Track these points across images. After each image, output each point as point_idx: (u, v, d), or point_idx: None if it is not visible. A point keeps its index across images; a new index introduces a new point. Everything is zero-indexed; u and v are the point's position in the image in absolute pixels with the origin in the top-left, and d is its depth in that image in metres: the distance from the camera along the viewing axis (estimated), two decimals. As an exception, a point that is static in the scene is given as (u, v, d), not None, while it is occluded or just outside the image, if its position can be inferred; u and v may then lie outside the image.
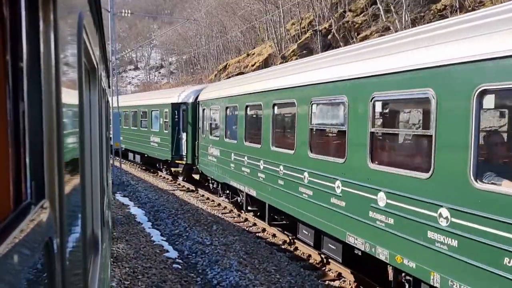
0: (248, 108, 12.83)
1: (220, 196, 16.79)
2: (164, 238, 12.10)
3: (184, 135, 20.86)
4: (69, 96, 1.52)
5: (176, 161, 21.43)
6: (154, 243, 11.48)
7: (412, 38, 6.53)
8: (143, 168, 27.71)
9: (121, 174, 21.85)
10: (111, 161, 19.14)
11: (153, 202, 16.76)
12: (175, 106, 21.30)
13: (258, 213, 13.67)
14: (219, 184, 16.34)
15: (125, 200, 17.34)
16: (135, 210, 15.53)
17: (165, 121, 22.16)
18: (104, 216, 4.25)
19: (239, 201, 14.60)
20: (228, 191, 15.62)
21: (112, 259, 9.38)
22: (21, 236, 0.86)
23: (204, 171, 17.79)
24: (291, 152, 9.97)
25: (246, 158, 12.72)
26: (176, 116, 21.21)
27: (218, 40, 66.01)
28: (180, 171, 21.88)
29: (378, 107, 7.40)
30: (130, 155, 28.97)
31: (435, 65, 5.71)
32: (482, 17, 5.45)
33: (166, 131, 21.90)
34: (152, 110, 24.29)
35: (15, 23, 0.95)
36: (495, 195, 4.87)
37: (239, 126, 13.37)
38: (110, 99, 15.17)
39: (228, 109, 14.61)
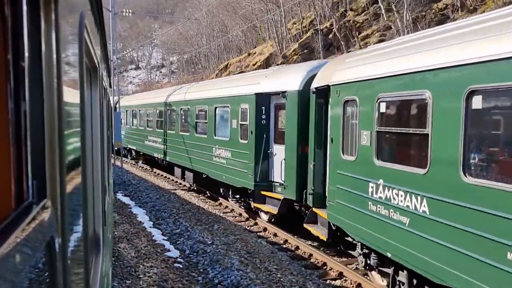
0: None
1: None
2: (166, 238, 12.11)
3: (279, 149, 12.53)
4: (71, 96, 1.52)
5: (263, 192, 13.09)
6: (156, 242, 11.48)
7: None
8: (144, 168, 27.62)
9: (122, 174, 21.86)
10: (112, 161, 19.12)
11: (154, 201, 16.77)
12: (263, 99, 12.95)
13: None
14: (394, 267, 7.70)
15: (126, 200, 17.35)
16: (136, 209, 15.55)
17: (241, 124, 13.82)
18: (105, 215, 4.25)
19: None
20: None
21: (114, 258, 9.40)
22: (22, 235, 0.86)
23: (348, 229, 8.71)
24: None
25: None
26: (264, 116, 12.98)
27: (219, 40, 65.96)
28: (276, 211, 12.53)
29: None
30: (177, 171, 20.52)
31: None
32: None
33: (244, 142, 13.60)
34: (216, 107, 15.63)
35: (16, 23, 0.95)
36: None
37: None
38: (111, 98, 15.14)
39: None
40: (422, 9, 30.11)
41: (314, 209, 10.55)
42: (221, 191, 16.43)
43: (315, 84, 10.48)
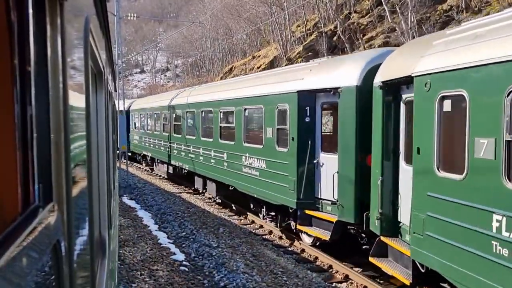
0: None
1: None
2: (171, 241, 12.10)
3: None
4: (76, 99, 1.52)
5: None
6: (161, 245, 11.49)
7: None
8: (149, 171, 27.64)
9: (127, 177, 21.91)
10: (118, 164, 19.14)
11: (159, 205, 16.78)
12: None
13: None
14: None
15: (132, 203, 17.38)
16: (141, 213, 15.56)
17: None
18: (111, 218, 4.26)
19: None
20: None
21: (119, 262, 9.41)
22: (29, 239, 0.86)
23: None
24: None
25: None
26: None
27: (223, 43, 66.07)
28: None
29: None
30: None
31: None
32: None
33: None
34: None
35: (22, 27, 0.95)
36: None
37: None
38: (117, 102, 15.18)
39: None
40: (426, 10, 30.03)
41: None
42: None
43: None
